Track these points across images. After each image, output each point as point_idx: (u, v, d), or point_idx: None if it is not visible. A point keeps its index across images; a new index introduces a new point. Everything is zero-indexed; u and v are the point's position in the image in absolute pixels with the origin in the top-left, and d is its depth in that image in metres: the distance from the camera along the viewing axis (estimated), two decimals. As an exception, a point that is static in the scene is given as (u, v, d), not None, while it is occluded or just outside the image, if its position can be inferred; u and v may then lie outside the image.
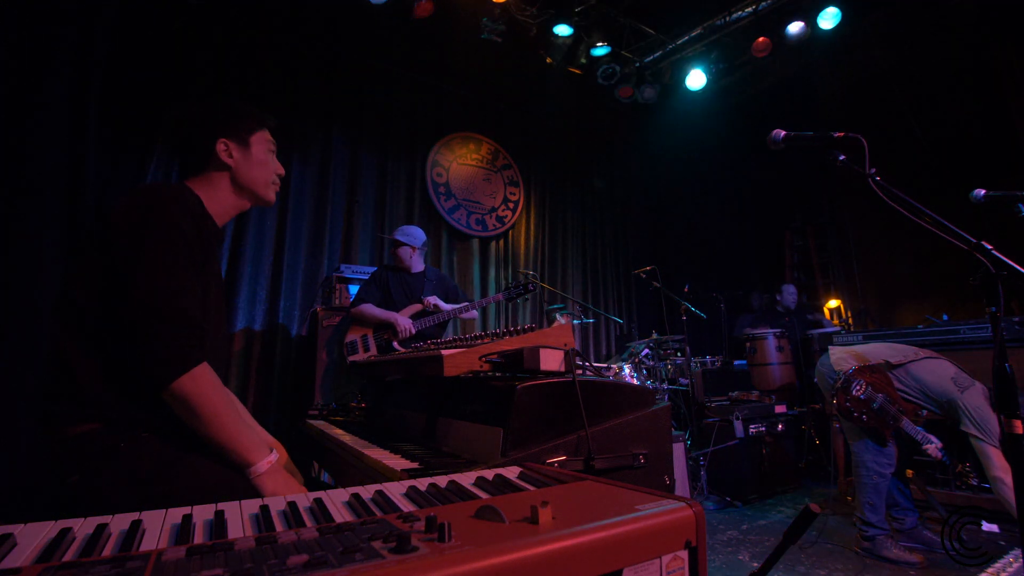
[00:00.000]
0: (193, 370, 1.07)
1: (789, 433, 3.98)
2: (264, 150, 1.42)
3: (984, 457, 2.32)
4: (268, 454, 1.15)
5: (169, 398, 1.07)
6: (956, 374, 2.52)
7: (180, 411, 1.08)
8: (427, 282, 3.41)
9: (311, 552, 0.53)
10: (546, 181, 6.03)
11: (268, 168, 1.42)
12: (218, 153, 1.34)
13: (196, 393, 1.07)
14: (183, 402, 1.06)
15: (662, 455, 1.38)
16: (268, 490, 1.11)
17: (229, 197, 1.37)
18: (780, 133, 1.51)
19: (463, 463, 1.16)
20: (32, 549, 0.62)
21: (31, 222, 2.74)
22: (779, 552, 0.82)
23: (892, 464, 2.60)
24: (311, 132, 4.48)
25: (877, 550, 2.57)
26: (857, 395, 2.54)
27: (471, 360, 1.42)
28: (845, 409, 2.56)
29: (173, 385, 1.05)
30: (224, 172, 1.36)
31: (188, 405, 1.07)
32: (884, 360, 2.65)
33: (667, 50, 5.45)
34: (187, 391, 1.06)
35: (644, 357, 4.36)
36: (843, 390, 2.57)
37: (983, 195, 1.74)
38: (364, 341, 3.26)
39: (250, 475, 1.12)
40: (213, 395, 1.09)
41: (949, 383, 2.49)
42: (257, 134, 1.41)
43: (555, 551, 0.57)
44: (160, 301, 1.06)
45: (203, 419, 1.08)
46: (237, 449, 1.11)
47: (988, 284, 1.18)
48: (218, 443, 1.10)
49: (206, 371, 1.10)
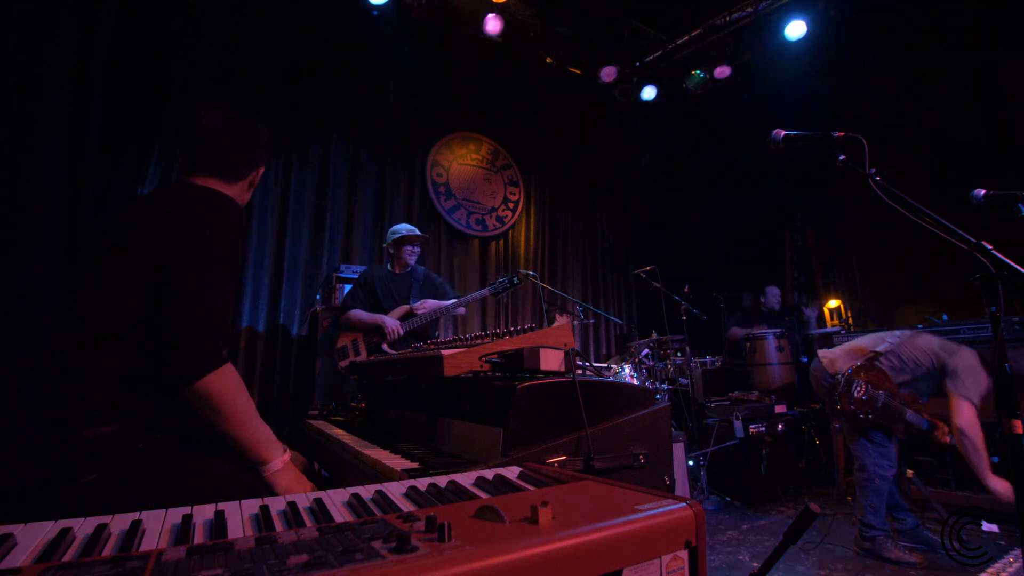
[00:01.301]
0: (221, 368, 1.09)
1: (789, 433, 3.98)
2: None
3: (955, 408, 2.42)
4: (282, 453, 1.19)
5: (193, 395, 1.08)
6: (942, 342, 2.62)
7: (202, 409, 1.09)
8: (414, 283, 3.40)
9: (311, 552, 0.53)
10: (546, 181, 6.03)
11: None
12: (254, 175, 1.44)
13: (222, 392, 1.09)
14: (207, 400, 1.08)
15: (662, 455, 1.38)
16: (281, 487, 1.14)
17: None
18: (780, 133, 1.51)
19: (463, 463, 1.16)
20: (32, 549, 0.62)
21: (32, 220, 2.74)
22: (779, 552, 0.82)
23: (893, 466, 2.60)
24: (311, 132, 4.48)
25: (877, 550, 2.58)
26: (860, 396, 2.56)
27: (471, 360, 1.42)
28: (851, 412, 2.57)
29: (200, 383, 1.06)
30: (241, 192, 1.43)
31: (212, 403, 1.08)
32: (871, 351, 2.68)
33: (667, 50, 5.45)
34: (212, 389, 1.07)
35: (644, 357, 4.36)
36: (845, 394, 2.58)
37: (983, 195, 1.74)
38: (355, 345, 3.27)
39: (264, 472, 1.15)
40: (237, 395, 1.11)
41: (938, 350, 2.58)
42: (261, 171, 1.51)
43: (555, 551, 0.57)
44: (204, 304, 1.09)
45: (226, 417, 1.10)
46: (256, 448, 1.14)
47: (988, 284, 1.18)
48: (238, 441, 1.12)
49: (232, 371, 1.12)
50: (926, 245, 4.57)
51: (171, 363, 1.06)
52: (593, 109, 6.38)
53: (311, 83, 4.51)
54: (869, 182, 1.37)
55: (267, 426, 1.17)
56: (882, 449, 2.60)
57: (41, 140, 2.83)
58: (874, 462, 2.60)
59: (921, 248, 4.69)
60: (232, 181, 1.39)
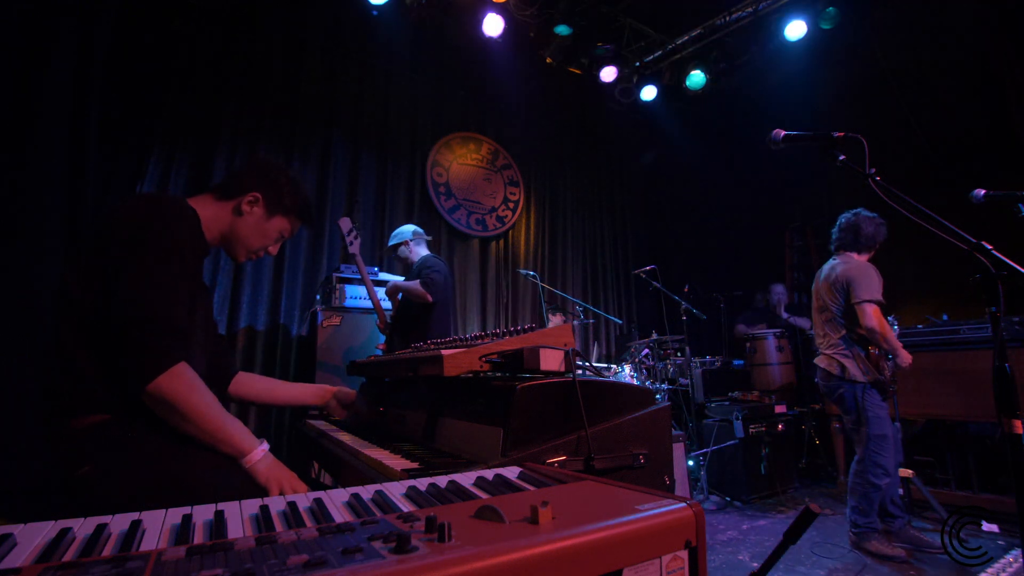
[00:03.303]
0: (170, 370, 1.08)
1: (789, 433, 3.98)
2: (278, 229, 1.48)
3: (860, 313, 2.70)
4: (259, 444, 1.18)
5: (149, 399, 1.08)
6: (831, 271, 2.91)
7: (162, 411, 1.09)
8: (411, 271, 3.45)
9: (311, 552, 0.53)
10: (546, 181, 6.03)
11: (264, 243, 1.48)
12: (245, 199, 1.40)
13: (173, 392, 1.07)
14: (162, 402, 1.08)
15: (662, 455, 1.38)
16: (262, 477, 1.14)
17: (216, 231, 1.42)
18: (780, 133, 1.51)
19: (463, 463, 1.16)
20: (32, 549, 0.62)
21: (32, 218, 2.74)
22: (779, 552, 0.82)
23: (888, 476, 2.66)
24: (311, 132, 4.48)
25: (862, 543, 2.68)
26: (889, 377, 2.77)
27: (471, 360, 1.42)
28: (893, 392, 2.82)
29: (150, 387, 1.06)
30: (234, 215, 1.41)
31: (168, 404, 1.08)
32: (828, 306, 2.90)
33: (667, 50, 5.45)
34: (164, 391, 1.07)
35: (644, 357, 4.36)
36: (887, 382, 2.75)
37: (983, 195, 1.74)
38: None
39: (244, 464, 1.15)
40: (190, 393, 1.10)
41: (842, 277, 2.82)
42: (286, 218, 1.48)
43: (555, 551, 0.57)
44: (148, 309, 1.09)
45: (185, 416, 1.09)
46: (226, 440, 1.14)
47: (988, 284, 1.18)
48: (205, 437, 1.12)
49: (184, 370, 1.11)
50: (926, 245, 4.57)
51: (124, 369, 1.07)
52: (593, 109, 6.38)
53: (311, 83, 4.51)
54: (869, 182, 1.37)
55: (236, 419, 1.18)
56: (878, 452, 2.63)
57: (41, 140, 2.83)
58: (871, 472, 2.66)
59: (921, 248, 4.69)
60: (221, 198, 1.42)
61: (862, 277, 2.74)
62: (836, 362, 2.81)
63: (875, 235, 2.87)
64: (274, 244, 1.51)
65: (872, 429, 2.67)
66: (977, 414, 3.16)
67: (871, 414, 2.68)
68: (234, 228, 1.42)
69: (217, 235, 1.42)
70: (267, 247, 1.49)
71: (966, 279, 1.27)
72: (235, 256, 1.47)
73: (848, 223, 2.91)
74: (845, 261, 2.87)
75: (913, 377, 3.22)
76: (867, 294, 2.70)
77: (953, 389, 3.22)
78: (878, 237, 2.88)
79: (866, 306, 2.68)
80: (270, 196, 1.43)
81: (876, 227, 2.87)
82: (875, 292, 2.71)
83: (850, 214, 2.93)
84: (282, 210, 1.46)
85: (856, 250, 2.90)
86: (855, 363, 2.75)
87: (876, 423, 2.67)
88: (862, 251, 2.89)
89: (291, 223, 1.49)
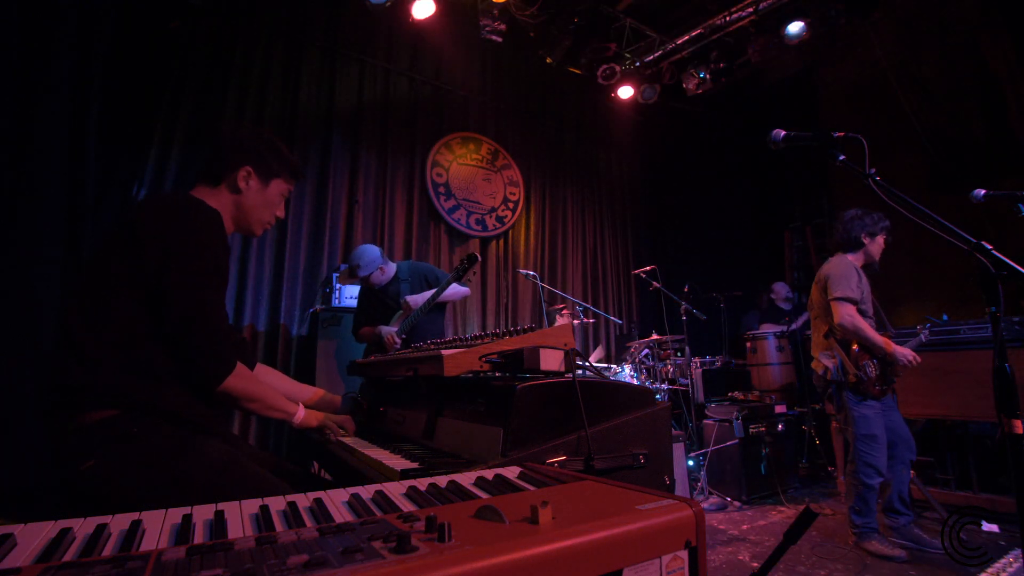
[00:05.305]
0: (234, 371, 1.27)
1: (789, 433, 3.98)
2: (278, 194, 1.53)
3: (833, 310, 2.70)
4: (297, 407, 1.48)
5: (220, 396, 1.27)
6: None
7: (230, 403, 1.30)
8: (401, 283, 3.29)
9: (311, 552, 0.53)
10: (546, 181, 6.03)
11: (271, 211, 1.53)
12: (237, 176, 1.43)
13: (242, 387, 1.29)
14: (232, 397, 1.28)
15: (662, 455, 1.38)
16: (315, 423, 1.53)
17: (229, 220, 1.45)
18: (780, 133, 1.51)
19: (463, 463, 1.16)
20: (32, 549, 0.62)
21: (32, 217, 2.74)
22: (779, 552, 0.82)
23: (880, 475, 2.66)
24: (311, 132, 4.48)
25: (862, 543, 2.67)
26: (873, 375, 2.71)
27: (471, 360, 1.42)
28: (881, 392, 2.73)
29: (221, 388, 1.25)
30: (234, 195, 1.44)
31: (236, 398, 1.29)
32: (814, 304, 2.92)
33: (667, 50, 5.45)
34: (233, 389, 1.27)
35: (644, 357, 4.36)
36: (869, 382, 2.69)
37: (983, 195, 1.74)
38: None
39: (293, 423, 1.46)
40: (249, 385, 1.31)
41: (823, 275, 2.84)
42: (281, 179, 1.52)
43: (555, 551, 0.57)
44: (207, 324, 1.22)
45: (249, 402, 1.31)
46: (280, 409, 1.42)
47: (988, 284, 1.17)
48: (264, 413, 1.38)
49: (243, 368, 1.31)
50: (926, 245, 4.57)
51: (194, 372, 1.23)
52: (593, 109, 6.38)
53: (311, 83, 4.51)
54: (869, 182, 1.37)
55: (277, 393, 1.44)
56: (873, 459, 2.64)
57: (41, 140, 2.83)
58: (863, 471, 2.66)
59: (921, 248, 4.69)
60: (213, 185, 1.43)
61: (839, 275, 2.72)
62: (821, 363, 2.83)
63: (859, 236, 2.82)
64: (281, 208, 1.58)
65: (858, 429, 2.66)
66: (977, 414, 3.16)
67: (856, 414, 2.68)
68: (240, 208, 1.46)
69: (231, 223, 1.46)
70: (275, 214, 1.55)
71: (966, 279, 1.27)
72: (251, 232, 1.53)
73: (839, 222, 2.92)
74: (832, 260, 2.87)
75: (913, 377, 3.22)
76: (840, 291, 2.67)
77: (953, 389, 3.22)
78: (863, 237, 2.83)
79: (838, 303, 2.67)
80: (259, 166, 1.46)
81: (862, 227, 2.82)
82: (848, 290, 2.67)
83: (844, 213, 2.93)
84: (274, 174, 1.50)
85: (844, 249, 2.88)
86: (837, 363, 2.75)
87: (862, 423, 2.66)
88: (852, 250, 2.87)
89: (287, 182, 1.55)
